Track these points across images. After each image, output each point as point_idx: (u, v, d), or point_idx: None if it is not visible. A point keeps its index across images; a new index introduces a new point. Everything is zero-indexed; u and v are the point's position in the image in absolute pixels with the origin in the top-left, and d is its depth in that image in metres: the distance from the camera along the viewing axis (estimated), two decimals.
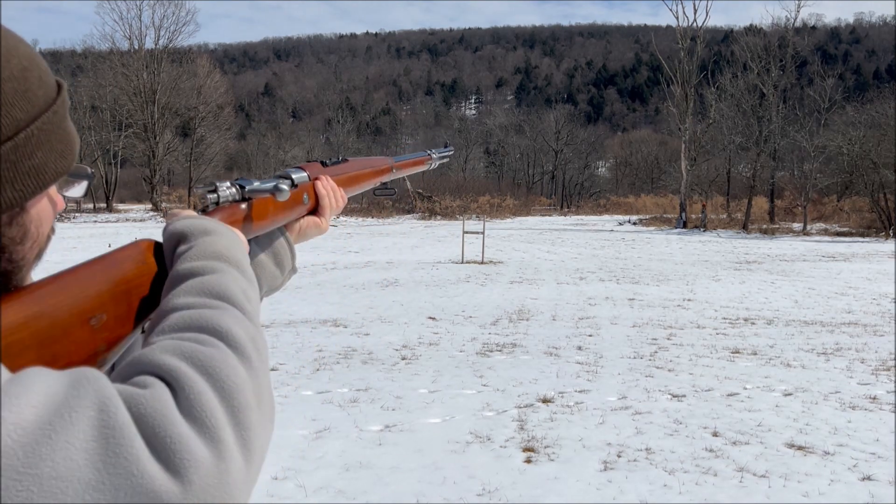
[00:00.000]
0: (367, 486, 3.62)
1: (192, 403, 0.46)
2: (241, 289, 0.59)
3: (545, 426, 4.60)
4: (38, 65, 0.58)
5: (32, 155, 0.56)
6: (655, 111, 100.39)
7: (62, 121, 0.60)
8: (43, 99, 0.57)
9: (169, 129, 46.47)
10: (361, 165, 1.05)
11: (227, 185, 0.75)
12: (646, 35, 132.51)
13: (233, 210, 0.76)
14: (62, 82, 0.62)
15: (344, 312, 9.18)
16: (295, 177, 0.87)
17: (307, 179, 0.91)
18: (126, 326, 0.60)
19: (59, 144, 0.59)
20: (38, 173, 0.56)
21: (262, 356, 0.54)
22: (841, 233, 30.36)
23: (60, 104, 0.60)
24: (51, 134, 0.58)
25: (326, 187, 0.94)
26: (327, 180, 0.95)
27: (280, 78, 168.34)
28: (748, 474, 3.85)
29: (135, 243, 0.65)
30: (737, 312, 9.52)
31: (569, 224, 38.03)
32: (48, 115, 0.57)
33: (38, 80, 0.57)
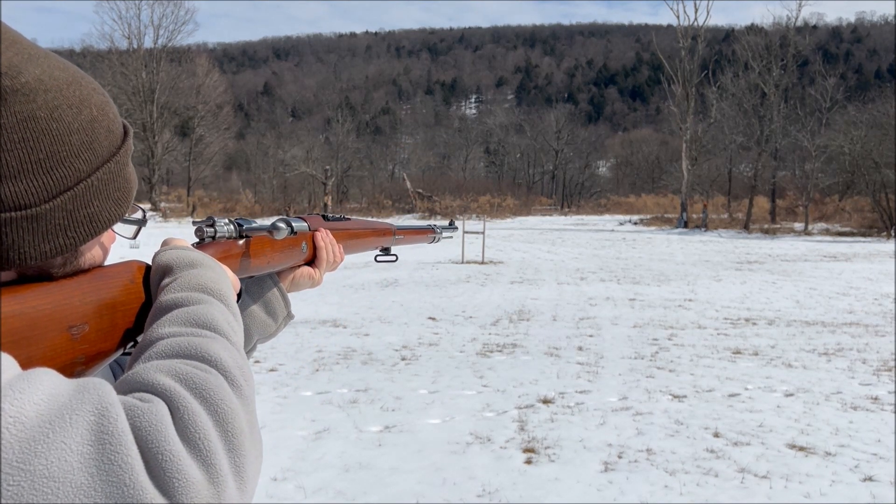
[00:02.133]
0: (366, 487, 3.60)
1: (188, 425, 0.45)
2: (226, 320, 0.58)
3: (545, 427, 4.58)
4: (108, 113, 0.59)
5: (89, 204, 0.57)
6: (656, 111, 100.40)
7: (123, 168, 0.60)
8: (107, 149, 0.58)
9: (168, 129, 46.48)
10: (363, 225, 1.06)
11: (226, 222, 0.75)
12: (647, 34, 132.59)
13: (229, 246, 0.76)
14: (129, 128, 0.63)
15: (343, 313, 9.16)
16: (294, 225, 0.87)
17: (307, 229, 0.91)
18: (108, 343, 0.58)
19: (116, 193, 0.59)
20: (92, 221, 0.57)
21: (250, 386, 0.53)
22: (842, 233, 30.34)
23: (123, 153, 0.61)
24: (109, 183, 0.58)
25: (325, 240, 0.95)
26: (327, 234, 0.95)
27: (279, 77, 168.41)
28: (749, 475, 3.83)
29: (127, 263, 0.65)
30: (738, 313, 9.50)
31: (569, 224, 38.01)
32: (109, 166, 0.58)
33: (106, 131, 0.58)
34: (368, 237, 1.07)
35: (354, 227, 1.03)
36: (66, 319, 0.55)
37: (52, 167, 0.53)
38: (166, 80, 45.10)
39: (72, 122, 0.54)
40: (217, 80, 49.93)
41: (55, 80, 0.54)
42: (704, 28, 36.40)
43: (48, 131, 0.53)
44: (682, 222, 34.24)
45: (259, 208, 41.43)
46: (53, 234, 0.55)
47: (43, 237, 0.54)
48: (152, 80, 44.54)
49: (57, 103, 0.54)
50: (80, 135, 0.55)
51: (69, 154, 0.54)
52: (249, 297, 0.88)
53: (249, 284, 0.88)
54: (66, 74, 0.56)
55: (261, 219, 0.83)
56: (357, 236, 1.04)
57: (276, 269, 0.87)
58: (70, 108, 0.55)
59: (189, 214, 38.89)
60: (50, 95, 0.53)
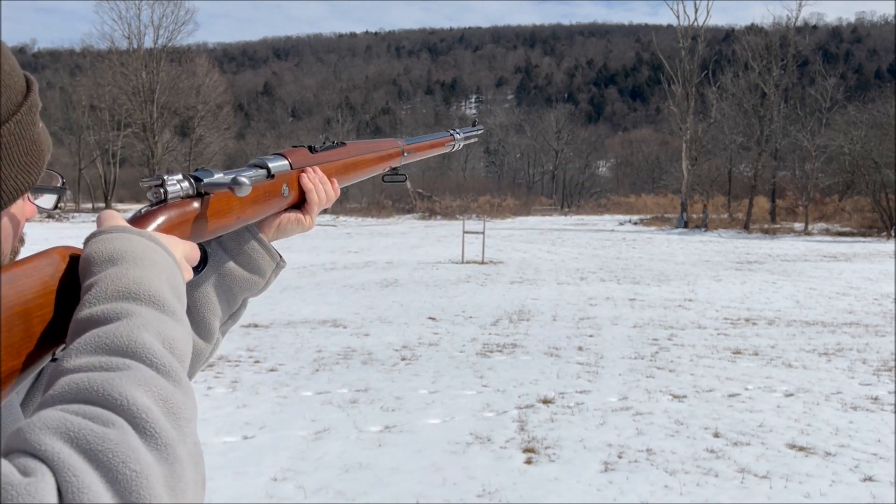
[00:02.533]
0: (366, 487, 3.60)
1: (75, 500, 0.36)
2: (157, 333, 0.47)
3: (545, 427, 4.58)
4: (2, 67, 0.50)
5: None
6: (656, 111, 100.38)
7: (28, 129, 0.52)
8: (6, 107, 0.50)
9: (168, 129, 46.49)
10: (362, 150, 0.92)
11: (179, 178, 0.64)
12: (647, 34, 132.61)
13: (184, 207, 0.64)
14: (32, 81, 0.54)
15: (343, 313, 9.16)
16: (272, 165, 0.76)
17: (289, 168, 0.79)
18: (18, 358, 0.47)
19: (23, 157, 0.51)
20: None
21: (178, 423, 0.43)
22: (842, 233, 30.34)
23: (27, 110, 0.52)
24: (13, 147, 0.50)
25: (313, 180, 0.82)
26: (314, 172, 0.82)
27: (279, 77, 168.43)
28: (749, 475, 3.83)
29: (45, 253, 0.52)
30: (738, 313, 9.50)
31: (569, 224, 38.01)
32: (10, 126, 0.50)
33: (2, 87, 0.50)
34: (370, 164, 0.93)
35: (351, 155, 0.89)
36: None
37: None
38: (166, 80, 45.09)
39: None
40: (217, 80, 49.93)
41: None
42: (704, 28, 36.40)
43: None
44: (682, 222, 34.23)
45: None
46: None
47: None
48: (152, 80, 44.53)
49: None
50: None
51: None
52: (226, 254, 0.77)
53: (226, 239, 0.77)
54: None
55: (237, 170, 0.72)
56: (356, 165, 0.90)
57: (251, 222, 0.76)
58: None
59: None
60: None
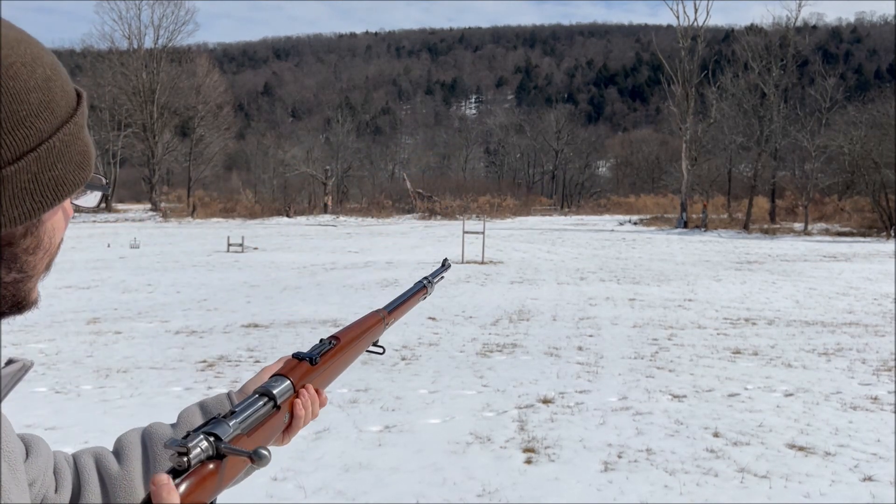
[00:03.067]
0: (366, 487, 3.60)
1: None
2: None
3: (545, 427, 4.58)
4: (61, 74, 0.57)
5: (53, 167, 0.55)
6: (656, 111, 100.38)
7: (81, 131, 0.58)
8: (65, 109, 0.56)
9: (168, 129, 46.50)
10: (352, 336, 0.91)
11: (201, 439, 0.63)
12: (646, 34, 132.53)
13: (202, 471, 0.63)
14: (82, 91, 0.61)
15: (344, 312, 9.16)
16: (277, 392, 0.74)
17: (291, 390, 0.77)
18: None
19: (78, 156, 0.57)
20: (58, 185, 0.55)
21: None
22: (842, 233, 30.34)
23: (80, 114, 0.58)
24: (71, 145, 0.56)
25: (306, 404, 0.79)
26: (308, 393, 0.80)
27: (279, 77, 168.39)
28: (749, 475, 3.83)
29: None
30: (738, 313, 9.50)
31: (569, 224, 38.01)
32: (69, 126, 0.56)
33: (62, 90, 0.56)
34: (358, 350, 0.93)
35: (343, 351, 0.88)
36: None
37: (13, 127, 0.51)
38: (166, 81, 45.12)
39: (28, 79, 0.52)
40: (217, 81, 49.96)
41: (5, 37, 0.52)
42: (704, 28, 36.40)
43: (6, 90, 0.51)
44: (682, 222, 34.23)
45: (259, 208, 41.41)
46: (20, 198, 0.52)
47: (10, 202, 0.52)
48: (153, 80, 44.55)
49: (11, 60, 0.52)
50: (38, 93, 0.53)
51: (29, 113, 0.52)
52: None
53: None
54: (15, 32, 0.54)
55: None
56: (345, 361, 0.89)
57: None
58: (24, 65, 0.53)
59: (189, 214, 38.89)
60: (3, 52, 0.52)
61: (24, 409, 4.77)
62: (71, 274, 13.20)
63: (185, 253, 18.58)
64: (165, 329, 7.93)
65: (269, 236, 25.75)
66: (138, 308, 9.46)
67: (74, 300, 10.10)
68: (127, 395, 5.25)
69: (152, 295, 10.76)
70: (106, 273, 13.59)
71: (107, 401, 5.06)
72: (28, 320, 8.72)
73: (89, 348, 6.85)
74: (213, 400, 0.83)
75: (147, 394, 5.28)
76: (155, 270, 14.19)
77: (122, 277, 12.92)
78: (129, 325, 8.12)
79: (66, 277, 12.58)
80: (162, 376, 5.80)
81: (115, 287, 11.60)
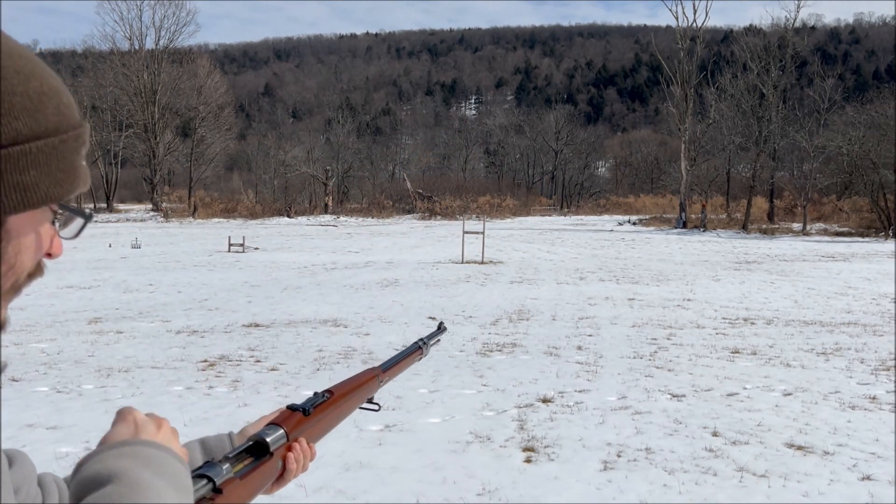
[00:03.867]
0: (367, 486, 3.62)
1: None
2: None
3: (545, 426, 4.60)
4: (61, 97, 0.58)
5: (24, 171, 0.54)
6: (655, 111, 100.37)
7: (72, 155, 0.58)
8: (54, 124, 0.56)
9: (169, 130, 46.53)
10: (346, 390, 0.94)
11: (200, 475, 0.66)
12: (645, 35, 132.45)
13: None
14: (86, 124, 0.61)
15: (344, 312, 9.18)
16: (270, 440, 0.76)
17: (284, 438, 0.79)
18: None
19: (61, 174, 0.57)
20: (25, 190, 0.54)
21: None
22: (840, 233, 30.36)
23: (74, 138, 0.58)
24: (53, 160, 0.56)
25: (298, 458, 0.81)
26: (301, 447, 0.81)
27: (280, 78, 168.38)
28: (748, 474, 3.85)
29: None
30: (736, 312, 9.52)
31: (569, 224, 38.03)
32: (54, 141, 0.56)
33: (55, 109, 0.56)
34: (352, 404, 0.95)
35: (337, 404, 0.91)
36: None
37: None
38: (168, 81, 45.15)
39: (16, 86, 0.53)
40: (218, 81, 49.99)
41: (9, 48, 0.54)
42: (703, 29, 36.41)
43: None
44: (681, 222, 34.25)
45: (260, 208, 41.41)
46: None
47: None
48: (154, 80, 44.57)
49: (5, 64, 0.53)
50: (22, 99, 0.54)
51: (5, 112, 0.53)
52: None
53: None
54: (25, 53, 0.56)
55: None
56: (338, 415, 0.92)
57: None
58: (17, 74, 0.54)
59: (190, 215, 38.89)
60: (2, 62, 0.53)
61: (25, 409, 4.79)
62: (72, 274, 13.22)
63: (186, 253, 18.60)
64: (167, 329, 7.95)
65: (269, 236, 25.77)
66: (139, 308, 9.48)
67: (76, 300, 10.11)
68: (128, 394, 5.27)
69: (153, 295, 10.78)
70: (107, 273, 13.61)
71: (108, 400, 5.08)
72: (29, 319, 8.73)
73: (91, 348, 6.87)
74: (215, 439, 0.84)
75: (148, 393, 5.30)
76: (156, 270, 14.20)
77: (123, 277, 12.93)
78: (131, 325, 8.14)
79: (67, 277, 12.60)
80: (163, 376, 5.82)
81: (116, 287, 11.62)
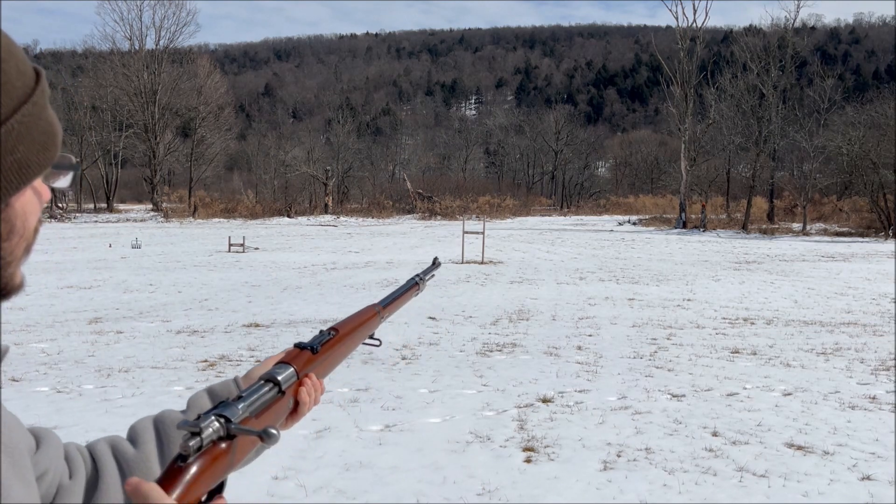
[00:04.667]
0: (367, 486, 3.62)
1: None
2: None
3: (545, 426, 4.60)
4: (16, 54, 0.55)
5: (14, 149, 0.53)
6: (655, 111, 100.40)
7: (42, 111, 0.57)
8: (22, 90, 0.55)
9: (169, 130, 46.55)
10: (349, 328, 0.96)
11: (212, 420, 0.65)
12: (645, 35, 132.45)
13: (214, 451, 0.66)
14: (40, 70, 0.59)
15: (344, 312, 9.18)
16: (282, 378, 0.77)
17: (295, 377, 0.80)
18: None
19: (41, 136, 0.56)
20: (21, 168, 0.54)
21: None
22: (840, 233, 30.36)
23: (40, 94, 0.57)
24: (32, 126, 0.55)
25: (310, 391, 0.82)
26: (312, 382, 0.83)
27: (280, 78, 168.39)
28: (748, 474, 3.85)
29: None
30: (736, 312, 9.52)
31: (569, 224, 38.03)
32: (28, 107, 0.55)
33: (17, 71, 0.55)
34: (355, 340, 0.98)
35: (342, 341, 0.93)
36: None
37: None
38: (168, 82, 45.16)
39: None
40: (218, 82, 49.99)
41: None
42: (703, 29, 36.42)
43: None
44: (681, 222, 34.26)
45: (260, 208, 41.42)
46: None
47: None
48: (154, 81, 44.57)
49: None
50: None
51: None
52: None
53: None
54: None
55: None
56: (343, 351, 0.94)
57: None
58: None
59: (190, 215, 38.88)
60: None
61: (25, 409, 4.79)
62: (72, 274, 13.22)
63: (186, 253, 18.60)
64: (167, 329, 7.95)
65: (269, 236, 25.77)
66: (140, 308, 9.48)
67: (76, 300, 10.12)
68: (128, 394, 5.27)
69: (154, 295, 10.78)
70: (107, 273, 13.61)
71: (108, 400, 5.08)
72: (29, 319, 8.71)
73: (91, 348, 6.87)
74: (221, 385, 0.85)
75: (148, 393, 5.30)
76: (156, 270, 14.20)
77: (123, 277, 12.93)
78: (131, 325, 8.14)
79: (67, 277, 12.60)
80: (163, 376, 5.82)
81: (116, 287, 11.62)
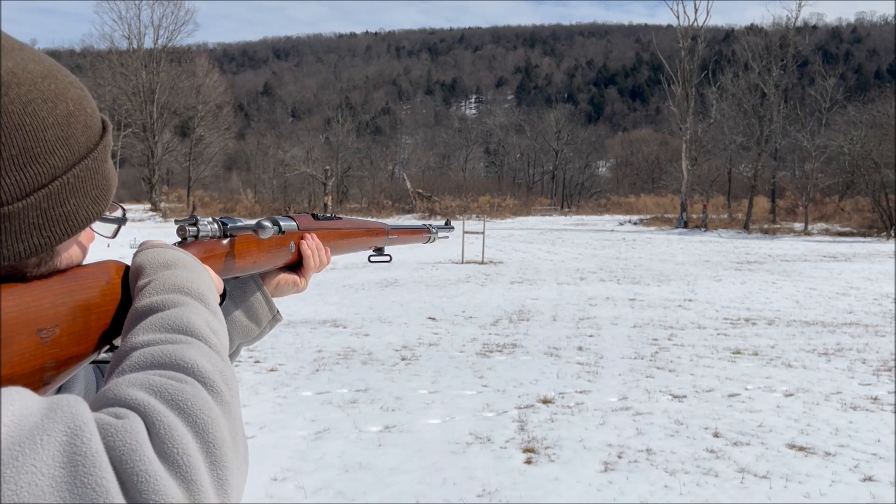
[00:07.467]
0: (366, 487, 3.60)
1: (164, 440, 0.43)
2: (206, 321, 0.55)
3: (545, 427, 4.58)
4: (85, 108, 0.57)
5: (65, 202, 0.55)
6: (656, 111, 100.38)
7: (101, 165, 0.59)
8: (85, 145, 0.57)
9: (168, 129, 46.51)
10: (355, 225, 1.03)
11: (209, 220, 0.73)
12: (646, 34, 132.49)
13: (212, 245, 0.74)
14: (108, 123, 0.61)
15: (343, 313, 9.16)
16: (283, 224, 0.84)
17: (296, 229, 0.88)
18: (80, 346, 0.56)
19: (94, 190, 0.58)
20: (68, 220, 0.56)
21: (232, 391, 0.51)
22: (842, 233, 30.34)
23: (102, 149, 0.59)
24: (87, 180, 0.57)
25: (312, 246, 0.91)
26: (313, 238, 0.92)
27: (279, 77, 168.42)
28: (749, 475, 3.83)
29: (103, 263, 0.62)
30: (738, 313, 9.50)
31: (569, 224, 38.02)
32: (87, 162, 0.57)
33: (83, 126, 0.57)
34: (360, 237, 1.05)
35: (345, 227, 1.00)
36: (34, 322, 0.52)
37: (25, 164, 0.51)
38: (166, 81, 45.13)
39: (46, 116, 0.53)
40: (217, 81, 49.94)
41: (29, 73, 0.52)
42: (704, 28, 36.40)
43: (21, 126, 0.51)
44: (682, 222, 34.24)
45: (259, 208, 41.43)
46: (27, 233, 0.53)
47: (16, 236, 0.52)
48: (152, 80, 44.56)
49: (31, 97, 0.52)
50: (55, 130, 0.53)
51: (44, 150, 0.52)
52: (231, 302, 0.84)
53: (232, 288, 0.84)
54: (42, 67, 0.54)
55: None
56: (348, 236, 1.01)
57: (262, 269, 0.84)
58: (45, 102, 0.53)
59: (189, 215, 38.91)
60: (23, 89, 0.52)
61: None
62: None
63: None
64: None
65: None
66: None
67: None
68: None
69: None
70: None
71: None
72: None
73: None
74: None
75: None
76: None
77: None
78: None
79: None
80: None
81: None
